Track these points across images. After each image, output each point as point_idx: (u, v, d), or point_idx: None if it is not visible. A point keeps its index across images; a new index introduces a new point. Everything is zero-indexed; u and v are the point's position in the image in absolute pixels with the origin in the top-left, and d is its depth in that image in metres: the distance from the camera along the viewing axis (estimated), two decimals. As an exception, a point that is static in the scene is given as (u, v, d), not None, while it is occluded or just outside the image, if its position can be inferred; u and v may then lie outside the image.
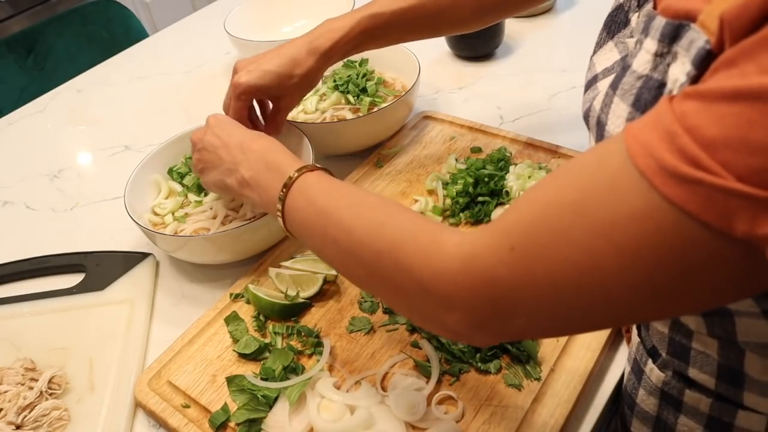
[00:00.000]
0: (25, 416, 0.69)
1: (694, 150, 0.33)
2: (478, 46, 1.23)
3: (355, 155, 1.02)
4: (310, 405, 0.66)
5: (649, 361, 0.60)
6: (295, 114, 1.06)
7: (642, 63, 0.45)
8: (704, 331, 0.52)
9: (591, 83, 0.56)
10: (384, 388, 0.69)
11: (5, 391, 0.71)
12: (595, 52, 0.60)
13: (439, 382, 0.68)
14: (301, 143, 0.92)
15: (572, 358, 0.69)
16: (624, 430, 0.66)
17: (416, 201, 0.91)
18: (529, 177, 0.89)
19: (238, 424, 0.66)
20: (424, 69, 1.04)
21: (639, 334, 0.62)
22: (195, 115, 1.21)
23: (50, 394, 0.72)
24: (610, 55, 0.57)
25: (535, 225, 0.40)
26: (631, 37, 0.55)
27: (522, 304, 0.42)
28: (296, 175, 0.61)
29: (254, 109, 0.87)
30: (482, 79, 1.19)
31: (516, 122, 1.07)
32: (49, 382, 0.72)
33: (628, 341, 0.70)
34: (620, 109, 0.46)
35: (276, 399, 0.67)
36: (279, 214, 0.62)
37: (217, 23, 1.35)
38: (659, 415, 0.60)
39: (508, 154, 0.94)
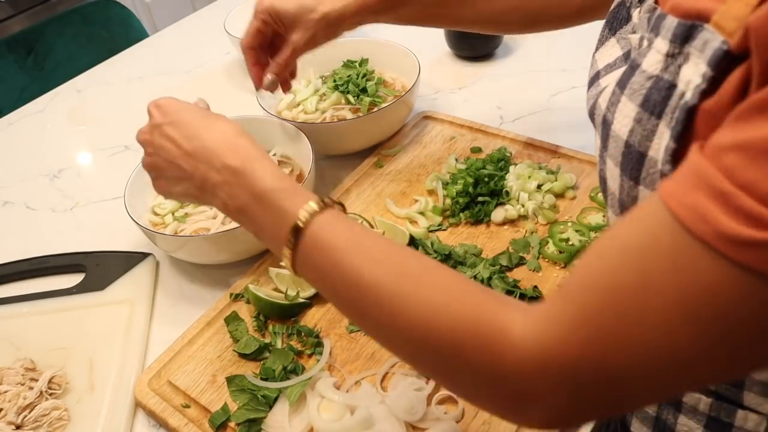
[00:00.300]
0: (25, 416, 0.69)
1: (756, 208, 0.31)
2: (478, 46, 1.23)
3: (355, 155, 1.02)
4: (310, 405, 0.66)
5: None
6: (295, 114, 1.06)
7: (652, 63, 0.44)
8: None
9: (594, 80, 0.56)
10: (384, 389, 0.69)
11: (5, 391, 0.71)
12: (597, 48, 0.60)
13: (439, 382, 0.68)
14: (301, 143, 0.92)
15: (572, 358, 0.69)
16: (624, 431, 0.67)
17: (416, 201, 0.91)
18: (529, 177, 0.89)
19: (238, 424, 0.66)
20: (424, 69, 1.04)
21: None
22: (195, 115, 1.21)
23: (50, 394, 0.72)
24: (612, 51, 0.57)
25: (602, 314, 0.38)
26: (634, 32, 0.54)
27: (604, 395, 0.40)
28: (303, 222, 0.50)
29: (265, 51, 0.84)
30: (482, 79, 1.19)
31: (516, 122, 1.07)
32: (49, 382, 0.72)
33: None
34: (628, 108, 0.46)
35: (276, 399, 0.67)
36: (288, 262, 0.52)
37: (217, 23, 1.34)
38: (659, 415, 0.60)
39: (508, 154, 0.94)
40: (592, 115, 0.53)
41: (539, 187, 0.89)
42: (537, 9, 0.80)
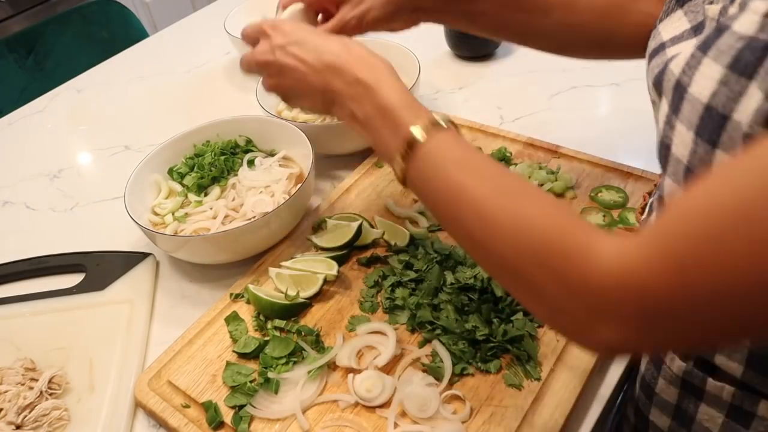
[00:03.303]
0: (25, 416, 0.69)
1: None
2: (478, 46, 1.23)
3: (355, 155, 1.02)
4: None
5: (669, 351, 0.59)
6: (295, 114, 1.06)
7: (746, 24, 0.43)
8: None
9: (658, 50, 0.55)
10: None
11: (5, 391, 0.71)
12: (660, 20, 0.58)
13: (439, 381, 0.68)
14: (301, 143, 0.92)
15: (572, 357, 0.69)
16: (641, 419, 0.66)
17: (416, 201, 0.91)
18: (529, 177, 0.89)
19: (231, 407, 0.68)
20: (424, 69, 1.04)
21: None
22: (195, 115, 1.21)
23: (50, 394, 0.72)
24: (678, 24, 0.55)
25: (694, 237, 0.38)
26: (711, 3, 0.52)
27: (680, 320, 0.40)
28: (422, 136, 0.54)
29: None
30: (482, 79, 1.19)
31: (516, 122, 1.07)
32: (49, 382, 0.72)
33: None
34: (712, 71, 0.44)
35: (276, 385, 0.68)
36: (399, 174, 0.56)
37: (217, 23, 1.34)
38: (679, 404, 0.60)
39: (508, 154, 0.94)
40: (658, 83, 0.51)
41: (540, 186, 0.89)
42: (609, 30, 0.73)
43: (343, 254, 0.83)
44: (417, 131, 0.54)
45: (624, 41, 0.73)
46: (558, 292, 0.44)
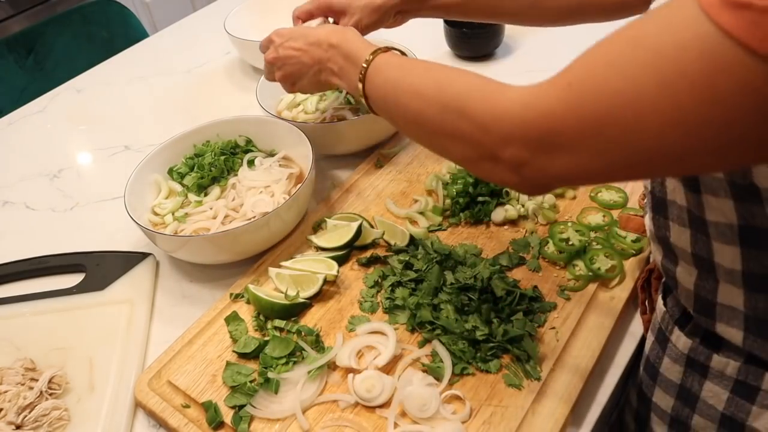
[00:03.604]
0: (25, 416, 0.69)
1: None
2: (478, 46, 1.23)
3: (355, 155, 1.02)
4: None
5: (676, 329, 0.60)
6: (295, 114, 1.06)
7: None
8: (739, 268, 0.52)
9: None
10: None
11: (5, 391, 0.71)
12: None
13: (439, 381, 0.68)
14: (301, 143, 0.92)
15: (572, 357, 0.69)
16: (644, 403, 0.67)
17: (416, 201, 0.91)
18: (529, 177, 0.89)
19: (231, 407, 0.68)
20: (424, 69, 1.04)
21: (665, 304, 0.63)
22: (195, 115, 1.21)
23: (50, 394, 0.72)
24: None
25: (593, 61, 0.45)
26: None
27: (568, 138, 0.46)
28: (371, 58, 0.67)
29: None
30: (482, 79, 1.19)
31: (516, 122, 1.07)
32: (49, 382, 0.72)
33: (646, 325, 0.71)
34: None
35: (276, 385, 0.68)
36: (362, 97, 0.69)
37: (217, 23, 1.34)
38: (683, 383, 0.61)
39: (508, 154, 0.94)
40: None
41: (539, 187, 0.89)
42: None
43: (343, 254, 0.83)
44: (367, 56, 0.68)
45: (598, 2, 0.80)
46: (476, 129, 0.53)
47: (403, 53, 0.71)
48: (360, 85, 0.68)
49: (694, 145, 0.41)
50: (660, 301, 0.64)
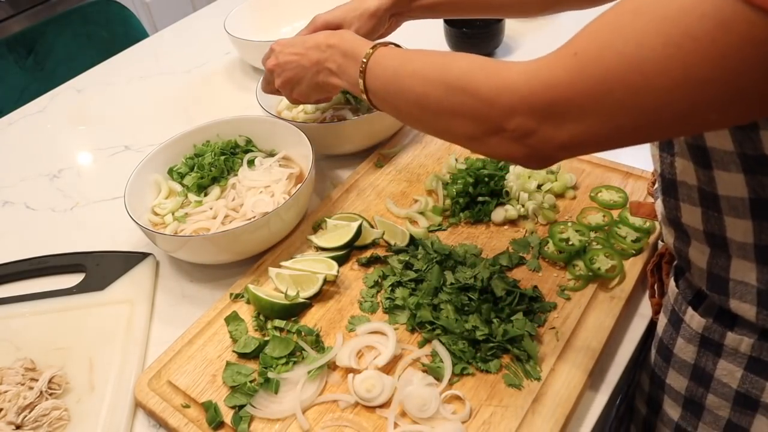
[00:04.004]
0: (25, 416, 0.69)
1: None
2: (478, 46, 1.23)
3: (355, 155, 1.02)
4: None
5: (689, 309, 0.61)
6: (295, 114, 1.06)
7: None
8: (751, 241, 0.53)
9: None
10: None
11: (5, 391, 0.71)
12: None
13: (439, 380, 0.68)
14: (301, 143, 0.92)
15: (572, 357, 0.69)
16: (657, 386, 0.67)
17: (416, 201, 0.91)
18: (529, 177, 0.89)
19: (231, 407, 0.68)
20: (424, 69, 1.04)
21: (677, 286, 0.64)
22: (195, 115, 1.21)
23: (50, 394, 0.72)
24: None
25: (598, 31, 0.46)
26: None
27: (576, 105, 0.47)
28: (371, 51, 0.69)
29: None
30: (482, 79, 1.19)
31: (516, 122, 1.07)
32: (49, 382, 0.72)
33: (655, 308, 0.71)
34: None
35: (276, 385, 0.68)
36: (362, 92, 0.70)
37: (217, 23, 1.35)
38: (697, 363, 0.61)
39: (508, 154, 0.94)
40: None
41: (539, 187, 0.89)
42: None
43: (343, 254, 0.83)
44: (368, 50, 0.69)
45: None
46: (481, 104, 0.53)
47: (399, 46, 0.73)
48: (360, 80, 0.69)
49: (700, 102, 0.42)
50: (672, 283, 0.65)
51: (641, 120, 0.45)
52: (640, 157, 0.92)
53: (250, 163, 0.96)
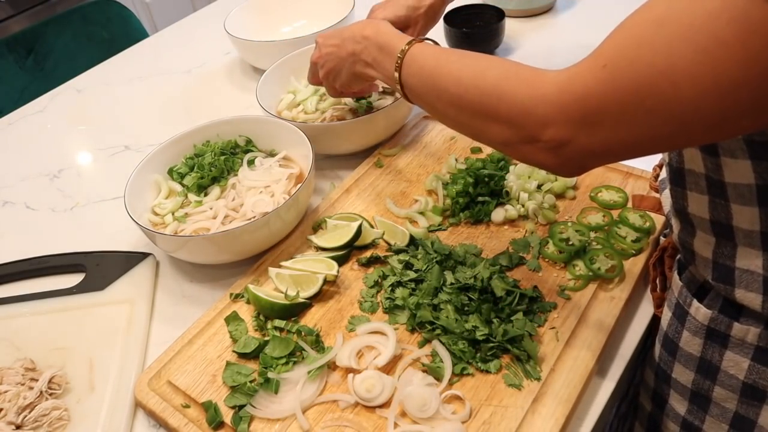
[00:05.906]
0: (25, 416, 0.69)
1: None
2: (478, 46, 1.23)
3: (355, 155, 1.02)
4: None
5: (694, 302, 0.62)
6: (295, 114, 1.06)
7: None
8: (757, 229, 0.53)
9: None
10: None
11: (5, 391, 0.71)
12: None
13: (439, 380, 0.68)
14: (301, 143, 0.92)
15: (572, 357, 0.69)
16: (662, 381, 0.68)
17: (416, 201, 0.91)
18: (529, 177, 0.89)
19: (231, 407, 0.68)
20: (424, 69, 1.04)
21: (680, 279, 0.64)
22: (195, 115, 1.21)
23: (50, 394, 0.72)
24: None
25: (624, 42, 0.47)
26: None
27: (608, 115, 0.48)
28: (407, 48, 0.70)
29: None
30: (482, 79, 1.19)
31: (516, 122, 1.07)
32: (49, 382, 0.72)
33: (657, 302, 0.72)
34: None
35: (276, 385, 0.68)
36: (398, 86, 0.71)
37: (217, 23, 1.35)
38: (703, 355, 0.62)
39: (508, 154, 0.94)
40: None
41: (539, 187, 0.89)
42: None
43: (343, 254, 0.83)
44: (403, 46, 0.70)
45: None
46: (516, 113, 0.54)
47: (436, 42, 0.74)
48: (396, 75, 0.70)
49: (731, 107, 0.43)
50: (675, 277, 0.65)
51: (672, 127, 0.46)
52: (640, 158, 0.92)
53: (250, 163, 0.96)
